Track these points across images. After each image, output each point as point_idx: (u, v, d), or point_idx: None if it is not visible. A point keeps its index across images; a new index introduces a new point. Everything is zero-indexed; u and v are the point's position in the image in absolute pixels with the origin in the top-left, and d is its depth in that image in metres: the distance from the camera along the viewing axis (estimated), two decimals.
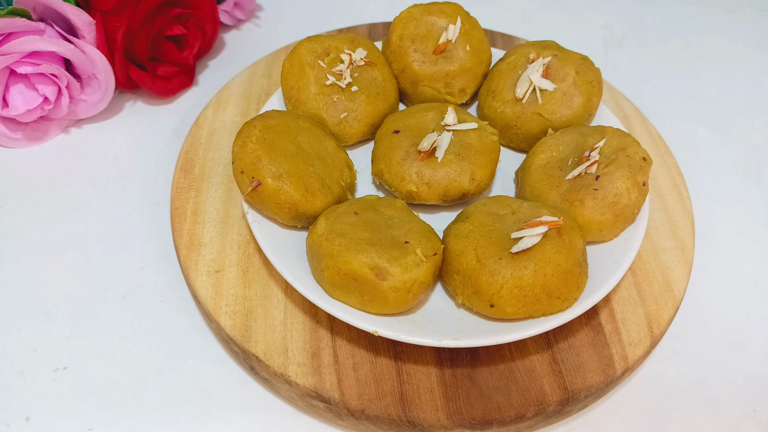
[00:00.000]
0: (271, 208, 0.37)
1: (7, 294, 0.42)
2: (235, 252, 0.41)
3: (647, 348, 0.38)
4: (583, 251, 0.36)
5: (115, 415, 0.37)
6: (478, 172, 0.40)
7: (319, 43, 0.44)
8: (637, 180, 0.38)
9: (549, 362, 0.37)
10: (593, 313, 0.39)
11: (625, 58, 0.63)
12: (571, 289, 0.35)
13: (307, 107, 0.43)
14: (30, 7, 0.48)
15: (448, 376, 0.36)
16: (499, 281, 0.34)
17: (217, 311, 0.38)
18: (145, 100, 0.54)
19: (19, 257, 0.44)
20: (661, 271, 0.41)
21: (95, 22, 0.48)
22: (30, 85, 0.48)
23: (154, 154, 0.51)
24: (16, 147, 0.50)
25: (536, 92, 0.43)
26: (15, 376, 0.38)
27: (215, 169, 0.46)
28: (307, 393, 0.36)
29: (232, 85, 0.52)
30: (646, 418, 0.38)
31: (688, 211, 0.45)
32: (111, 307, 0.42)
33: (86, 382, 0.38)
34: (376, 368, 0.36)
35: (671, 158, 0.49)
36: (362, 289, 0.34)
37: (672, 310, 0.40)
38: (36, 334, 0.40)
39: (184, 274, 0.40)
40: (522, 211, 0.37)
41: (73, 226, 0.46)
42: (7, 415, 0.37)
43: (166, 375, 0.39)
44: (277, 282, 0.40)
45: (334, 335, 0.37)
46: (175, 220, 0.42)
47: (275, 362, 0.36)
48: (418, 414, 0.35)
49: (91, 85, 0.50)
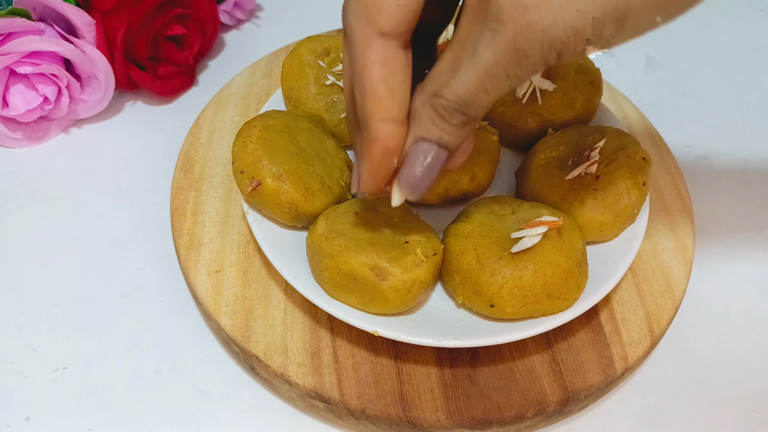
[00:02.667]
0: (271, 208, 0.37)
1: (7, 294, 0.42)
2: (235, 252, 0.41)
3: (647, 348, 0.38)
4: (583, 251, 0.36)
5: (115, 415, 0.37)
6: (478, 172, 0.40)
7: (319, 43, 0.44)
8: (637, 180, 0.38)
9: (549, 362, 0.37)
10: (593, 313, 0.39)
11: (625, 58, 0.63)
12: (571, 289, 0.35)
13: (307, 107, 0.43)
14: (30, 7, 0.48)
15: (448, 376, 0.36)
16: (499, 281, 0.34)
17: (217, 311, 0.38)
18: (145, 100, 0.54)
19: (19, 257, 0.44)
20: (661, 271, 0.41)
21: (95, 22, 0.48)
22: (30, 85, 0.48)
23: (154, 154, 0.51)
24: (16, 147, 0.50)
25: (536, 92, 0.43)
26: (15, 376, 0.38)
27: (215, 169, 0.46)
28: (307, 393, 0.36)
29: (232, 85, 0.52)
30: (646, 418, 0.38)
31: (688, 211, 0.45)
32: (111, 307, 0.42)
33: (86, 382, 0.38)
34: (376, 368, 0.36)
35: (671, 158, 0.49)
36: (362, 289, 0.34)
37: (672, 310, 0.40)
38: (36, 334, 0.40)
39: (184, 274, 0.40)
40: (522, 211, 0.37)
41: (73, 226, 0.46)
42: (7, 415, 0.37)
43: (166, 375, 0.39)
44: (277, 282, 0.40)
45: (334, 335, 0.37)
46: (175, 220, 0.42)
47: (275, 362, 0.36)
48: (418, 414, 0.35)
49: (91, 85, 0.50)
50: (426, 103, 0.28)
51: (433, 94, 0.27)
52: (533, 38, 0.23)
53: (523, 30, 0.23)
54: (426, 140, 0.28)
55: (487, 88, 0.26)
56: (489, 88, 0.26)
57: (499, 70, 0.25)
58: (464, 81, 0.26)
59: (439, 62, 0.27)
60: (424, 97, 0.27)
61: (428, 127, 0.28)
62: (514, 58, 0.24)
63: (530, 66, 0.25)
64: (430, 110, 0.27)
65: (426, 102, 0.28)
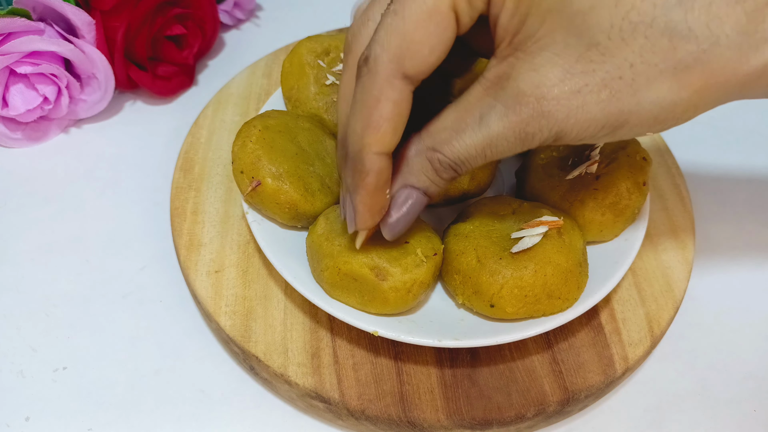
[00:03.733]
0: (271, 208, 0.37)
1: (7, 294, 0.42)
2: (235, 252, 0.41)
3: (647, 348, 0.38)
4: (584, 251, 0.36)
5: (115, 415, 0.37)
6: (478, 172, 0.40)
7: (319, 42, 0.44)
8: (637, 180, 0.38)
9: (549, 362, 0.37)
10: (593, 313, 0.39)
11: None
12: (572, 289, 0.35)
13: (307, 107, 0.43)
14: (30, 7, 0.48)
15: (448, 376, 0.36)
16: (500, 281, 0.34)
17: (216, 311, 0.38)
18: (145, 100, 0.54)
19: (19, 257, 0.44)
20: (661, 271, 0.41)
21: (95, 21, 0.48)
22: (30, 85, 0.48)
23: (153, 154, 0.51)
24: (16, 147, 0.50)
25: None
26: (15, 376, 0.38)
27: (215, 169, 0.46)
28: (307, 393, 0.36)
29: (231, 85, 0.52)
30: (646, 418, 0.38)
31: (688, 211, 0.45)
32: (111, 307, 0.42)
33: (86, 382, 0.38)
34: (376, 368, 0.36)
35: (671, 158, 0.49)
36: (362, 290, 0.34)
37: (672, 310, 0.40)
38: (36, 334, 0.40)
39: (184, 274, 0.40)
40: (522, 211, 0.37)
41: (73, 226, 0.46)
42: (7, 415, 0.37)
43: (166, 375, 0.39)
44: (277, 282, 0.40)
45: (334, 335, 0.37)
46: (175, 220, 0.42)
47: (275, 362, 0.36)
48: (418, 414, 0.35)
49: (90, 85, 0.50)
50: (421, 154, 0.29)
51: (431, 148, 0.29)
52: (544, 125, 0.26)
53: (537, 116, 0.26)
54: (413, 188, 0.30)
55: (486, 154, 0.28)
56: (488, 154, 0.28)
57: (503, 143, 0.27)
58: (467, 144, 0.28)
59: (439, 119, 0.29)
60: (420, 148, 0.29)
61: (419, 176, 0.30)
62: (521, 136, 0.26)
63: (532, 144, 0.27)
64: (426, 162, 0.29)
65: (421, 153, 0.29)
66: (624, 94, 0.25)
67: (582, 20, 0.24)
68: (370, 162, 0.28)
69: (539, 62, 0.25)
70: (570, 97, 0.25)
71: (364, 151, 0.28)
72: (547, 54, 0.25)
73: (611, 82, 0.25)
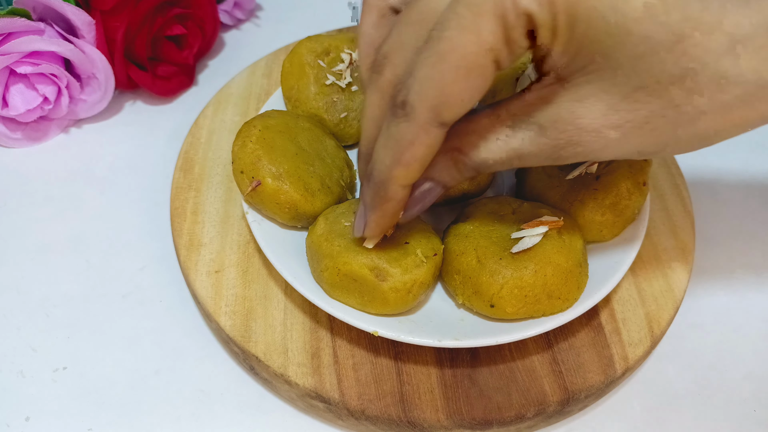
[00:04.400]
0: (271, 208, 0.37)
1: (7, 294, 0.42)
2: (235, 252, 0.41)
3: (647, 348, 0.38)
4: (584, 251, 0.36)
5: (115, 415, 0.37)
6: None
7: (319, 42, 0.44)
8: (637, 180, 0.38)
9: (549, 362, 0.37)
10: (593, 313, 0.39)
11: None
12: (572, 289, 0.35)
13: (307, 107, 0.43)
14: (30, 7, 0.48)
15: (448, 376, 0.36)
16: (500, 281, 0.34)
17: (216, 311, 0.38)
18: (145, 100, 0.54)
19: (19, 257, 0.44)
20: (661, 271, 0.41)
21: (95, 21, 0.48)
22: (30, 85, 0.48)
23: (153, 154, 0.51)
24: (16, 147, 0.50)
25: None
26: (15, 376, 0.38)
27: (215, 169, 0.46)
28: (307, 393, 0.36)
29: (231, 85, 0.52)
30: (646, 418, 0.38)
31: (688, 211, 0.45)
32: (111, 307, 0.42)
33: (86, 382, 0.38)
34: (376, 368, 0.36)
35: (671, 158, 0.49)
36: (362, 290, 0.34)
37: (672, 310, 0.40)
38: (36, 334, 0.40)
39: (184, 274, 0.40)
40: (522, 211, 0.37)
41: (73, 226, 0.46)
42: (7, 415, 0.37)
43: (166, 375, 0.39)
44: (277, 282, 0.40)
45: (334, 335, 0.37)
46: (175, 220, 0.42)
47: (275, 362, 0.36)
48: (418, 414, 0.35)
49: (90, 85, 0.50)
50: (447, 153, 0.30)
51: (457, 149, 0.29)
52: (579, 152, 0.27)
53: (572, 144, 0.27)
54: (433, 181, 0.31)
55: (513, 163, 0.29)
56: (515, 164, 0.29)
57: (532, 159, 0.28)
58: (493, 152, 0.29)
59: (470, 120, 0.29)
60: (447, 146, 0.29)
61: (441, 172, 0.30)
62: (550, 156, 0.28)
63: (559, 162, 0.28)
64: (449, 161, 0.30)
65: (447, 151, 0.29)
66: (665, 130, 0.25)
67: (632, 65, 0.24)
68: (394, 192, 0.29)
69: (584, 94, 0.26)
70: (610, 131, 0.26)
71: (390, 182, 0.29)
72: (593, 89, 0.26)
73: (654, 119, 0.25)
